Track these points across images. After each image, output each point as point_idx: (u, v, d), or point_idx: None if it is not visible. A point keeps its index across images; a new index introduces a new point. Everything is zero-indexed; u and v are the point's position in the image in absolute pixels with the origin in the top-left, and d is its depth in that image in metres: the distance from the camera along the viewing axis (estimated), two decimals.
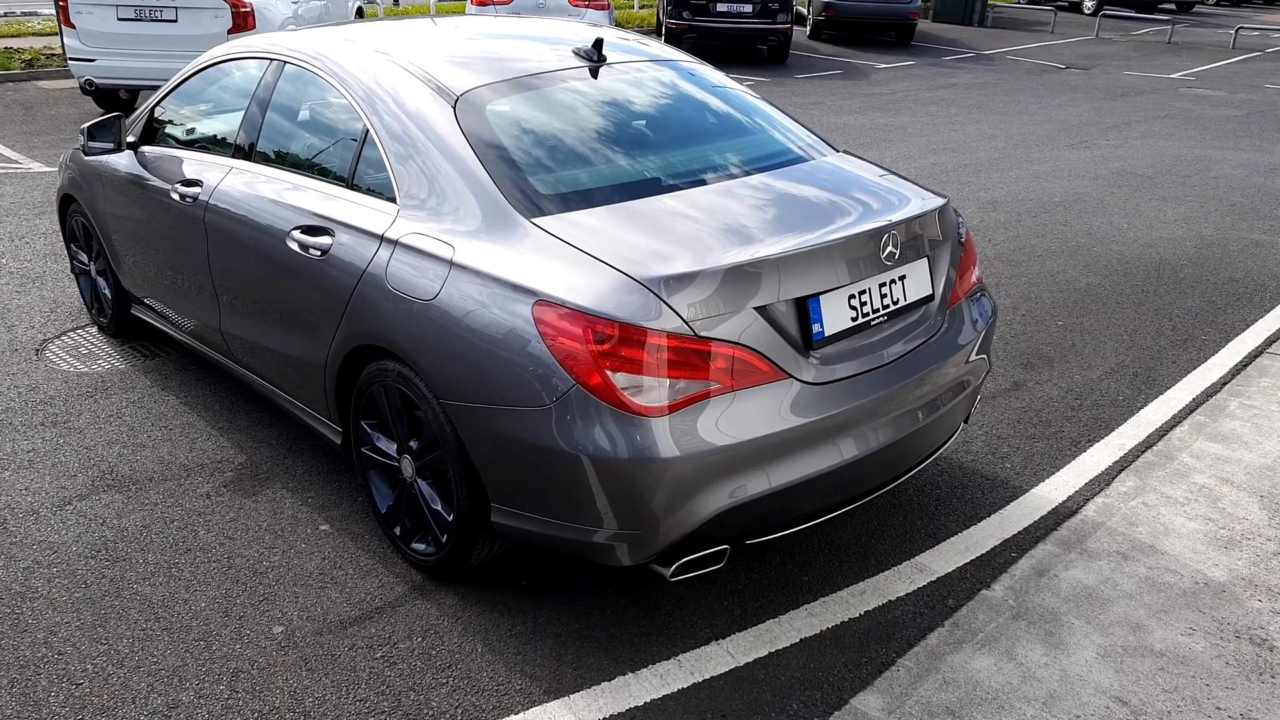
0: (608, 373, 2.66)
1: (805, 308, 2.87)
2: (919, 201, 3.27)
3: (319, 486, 3.86)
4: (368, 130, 3.39)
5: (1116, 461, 4.10)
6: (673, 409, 2.68)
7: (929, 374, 3.13)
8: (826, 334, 2.91)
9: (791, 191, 3.23)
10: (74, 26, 9.70)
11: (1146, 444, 4.24)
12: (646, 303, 2.67)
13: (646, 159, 3.28)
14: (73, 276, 5.84)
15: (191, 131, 4.33)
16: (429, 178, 3.16)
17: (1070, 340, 5.32)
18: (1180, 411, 4.54)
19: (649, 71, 3.73)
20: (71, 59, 9.87)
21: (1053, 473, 4.02)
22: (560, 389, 2.70)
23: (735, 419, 2.73)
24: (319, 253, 3.36)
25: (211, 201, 3.90)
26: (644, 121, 3.46)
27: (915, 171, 8.95)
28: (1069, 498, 3.84)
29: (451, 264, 2.97)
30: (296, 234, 3.46)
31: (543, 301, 2.75)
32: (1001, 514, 3.74)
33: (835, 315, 2.94)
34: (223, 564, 3.38)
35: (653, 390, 2.66)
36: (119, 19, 9.64)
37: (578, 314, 2.69)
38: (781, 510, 2.92)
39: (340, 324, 3.32)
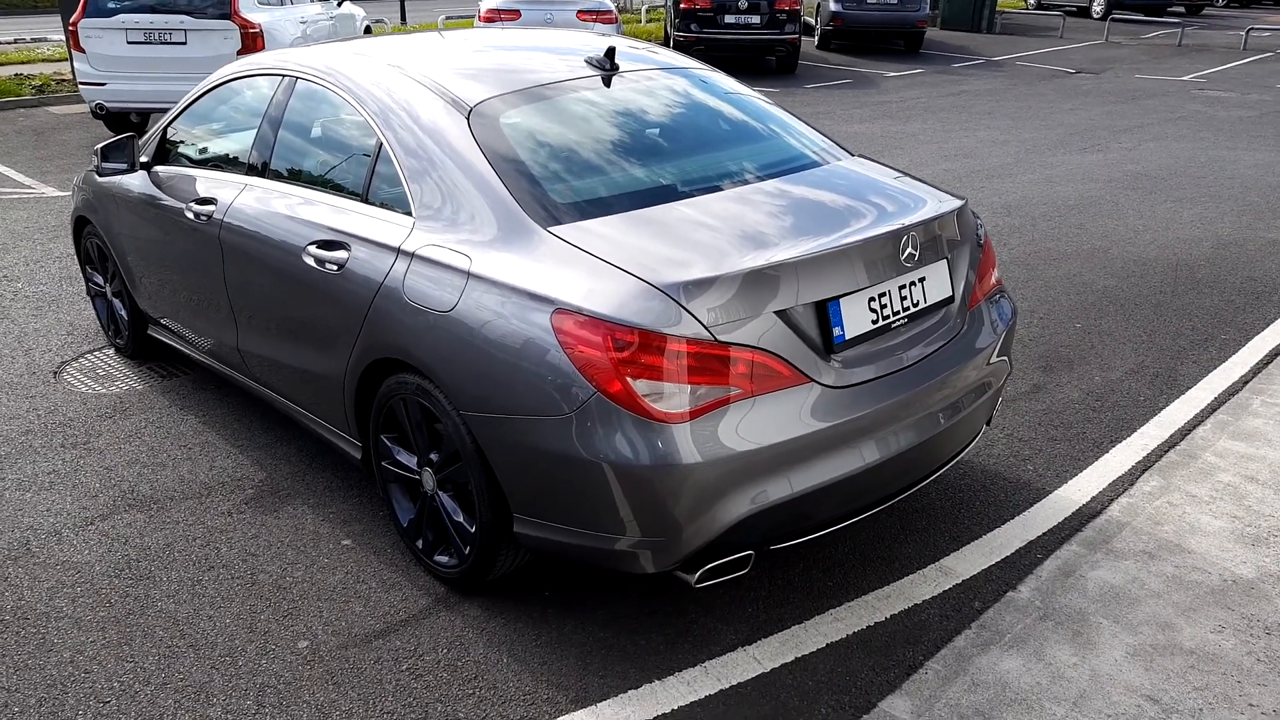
0: (628, 380, 2.65)
1: (825, 311, 2.86)
2: (936, 203, 3.26)
3: (339, 502, 3.86)
4: (381, 144, 3.40)
5: (1140, 462, 4.07)
6: (694, 415, 2.67)
7: (950, 377, 3.11)
8: (847, 337, 2.90)
9: (808, 195, 3.23)
10: (84, 51, 9.78)
11: (1169, 444, 4.21)
12: (666, 309, 2.66)
13: (661, 166, 3.29)
14: (89, 299, 5.87)
15: (204, 150, 4.35)
16: (444, 189, 3.17)
17: (1089, 342, 5.30)
18: (1202, 411, 4.50)
19: (661, 79, 3.74)
20: (82, 83, 9.96)
21: (1076, 474, 3.99)
22: (580, 397, 2.70)
23: (757, 424, 2.72)
24: (336, 267, 3.37)
25: (226, 219, 3.92)
26: (658, 129, 3.47)
27: (928, 178, 8.94)
28: (1093, 498, 3.81)
29: (469, 275, 2.98)
30: (312, 249, 3.47)
31: (561, 310, 2.75)
32: (1025, 516, 3.71)
33: (856, 318, 2.93)
34: (246, 580, 3.38)
35: (674, 396, 2.66)
36: (128, 42, 9.72)
37: (597, 321, 2.68)
38: (805, 515, 2.90)
39: (358, 338, 3.32)
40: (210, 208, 4.02)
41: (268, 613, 3.22)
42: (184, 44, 9.75)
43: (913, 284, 3.09)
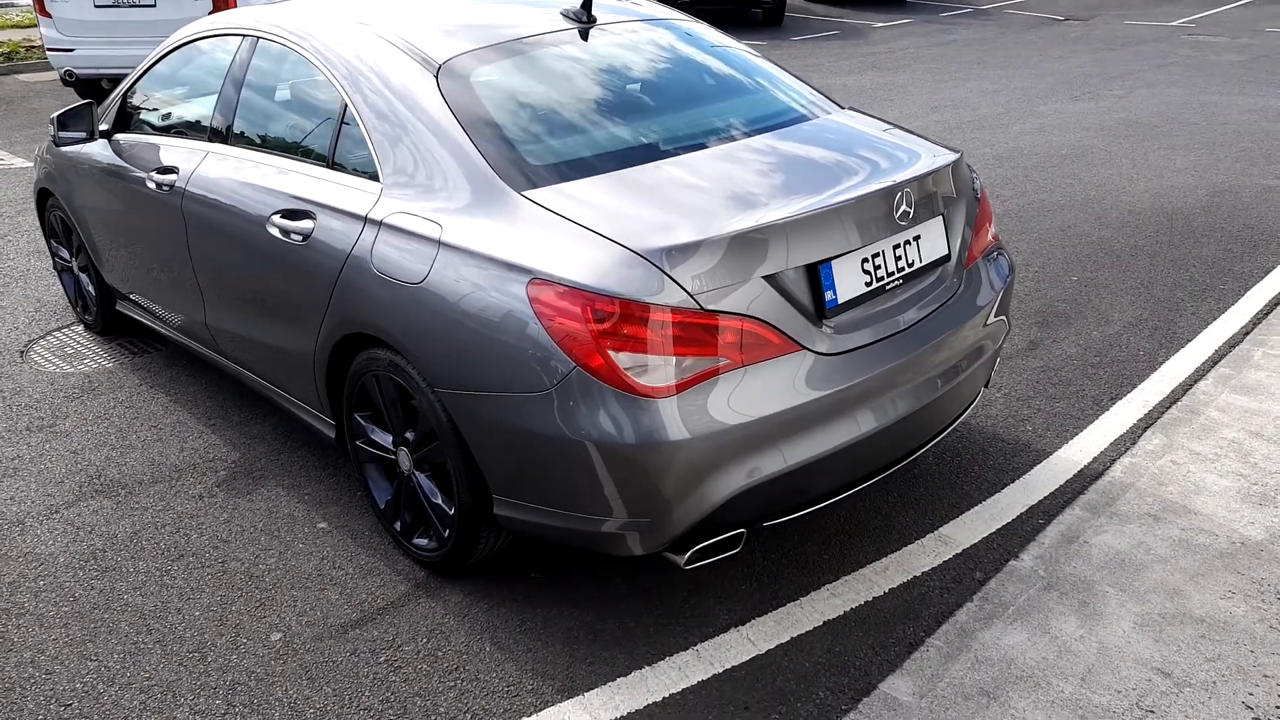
0: (609, 353, 2.50)
1: (816, 274, 2.71)
2: (931, 157, 3.10)
3: (316, 482, 3.72)
4: (346, 105, 3.22)
5: (1141, 419, 3.95)
6: (680, 388, 2.52)
7: (947, 339, 2.97)
8: (840, 301, 2.75)
9: (797, 152, 3.07)
10: (50, 16, 9.50)
11: (1171, 399, 4.08)
12: (648, 276, 2.51)
13: (642, 123, 3.12)
14: (56, 274, 5.68)
15: (166, 116, 4.16)
16: (412, 153, 3.00)
17: (1086, 295, 5.16)
18: (1203, 364, 4.38)
19: (642, 32, 3.55)
20: (50, 50, 9.68)
21: (1076, 433, 3.87)
22: (560, 372, 2.55)
23: (747, 395, 2.58)
24: (301, 238, 3.21)
25: (188, 188, 3.74)
26: (639, 84, 3.29)
27: (919, 129, 8.71)
28: (1094, 459, 3.69)
29: (440, 244, 2.81)
30: (277, 219, 3.30)
31: (538, 279, 2.59)
32: (1025, 479, 3.59)
33: (848, 281, 2.78)
34: (216, 569, 3.25)
35: (658, 369, 2.51)
36: (96, 6, 9.43)
37: (575, 291, 2.53)
38: (800, 489, 2.77)
39: (327, 312, 3.16)
40: (172, 177, 3.84)
41: (239, 603, 3.08)
42: (153, 6, 9.46)
43: (907, 243, 2.94)
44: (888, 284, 2.88)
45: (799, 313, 2.67)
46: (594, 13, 3.49)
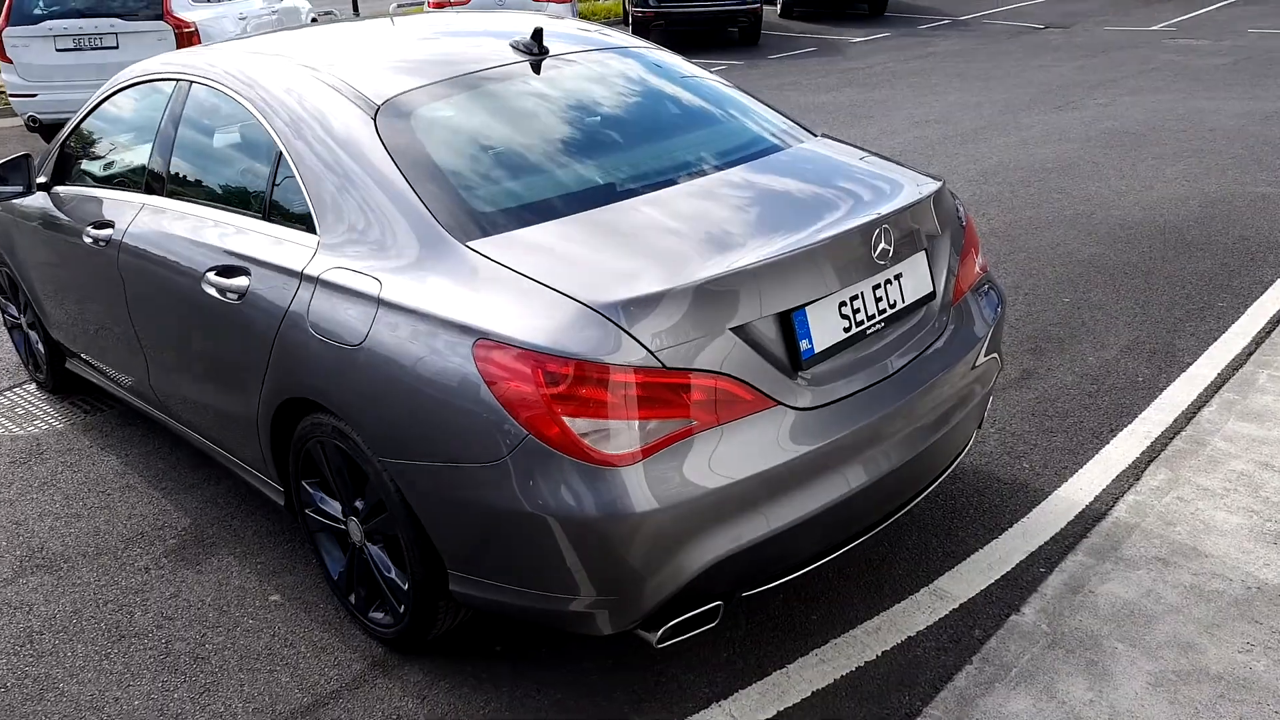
0: (564, 419, 2.29)
1: (790, 323, 2.50)
2: (912, 187, 2.90)
3: (269, 549, 3.50)
4: (280, 152, 3.01)
5: (1144, 452, 3.74)
6: (645, 454, 2.31)
7: (936, 383, 2.76)
8: (817, 350, 2.55)
9: (767, 187, 2.87)
10: (11, 62, 9.31)
11: (1174, 429, 3.87)
12: (605, 334, 2.30)
13: (599, 161, 2.91)
14: (7, 330, 5.46)
15: (104, 166, 3.95)
16: (350, 202, 2.79)
17: (1079, 318, 4.96)
18: (1206, 389, 4.17)
19: (599, 62, 3.35)
20: (12, 96, 9.49)
21: (1076, 470, 3.66)
22: (512, 440, 2.34)
23: (719, 458, 2.37)
24: (236, 296, 3.00)
25: (124, 243, 3.53)
26: (595, 118, 3.09)
27: (899, 146, 8.57)
28: (1096, 498, 3.48)
29: (379, 301, 2.60)
30: (211, 276, 3.09)
31: (484, 340, 2.38)
32: (1024, 523, 3.37)
33: (825, 328, 2.57)
34: (160, 650, 3.02)
35: (619, 435, 2.29)
36: (57, 50, 9.25)
37: (525, 352, 2.32)
38: (782, 555, 2.56)
39: (266, 375, 2.95)
40: (109, 231, 3.63)
41: (182, 689, 2.86)
42: (116, 48, 9.29)
43: (888, 282, 2.73)
44: (868, 328, 2.68)
45: (772, 365, 2.46)
46: (546, 43, 3.28)
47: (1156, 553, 3.16)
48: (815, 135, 3.39)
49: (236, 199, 3.18)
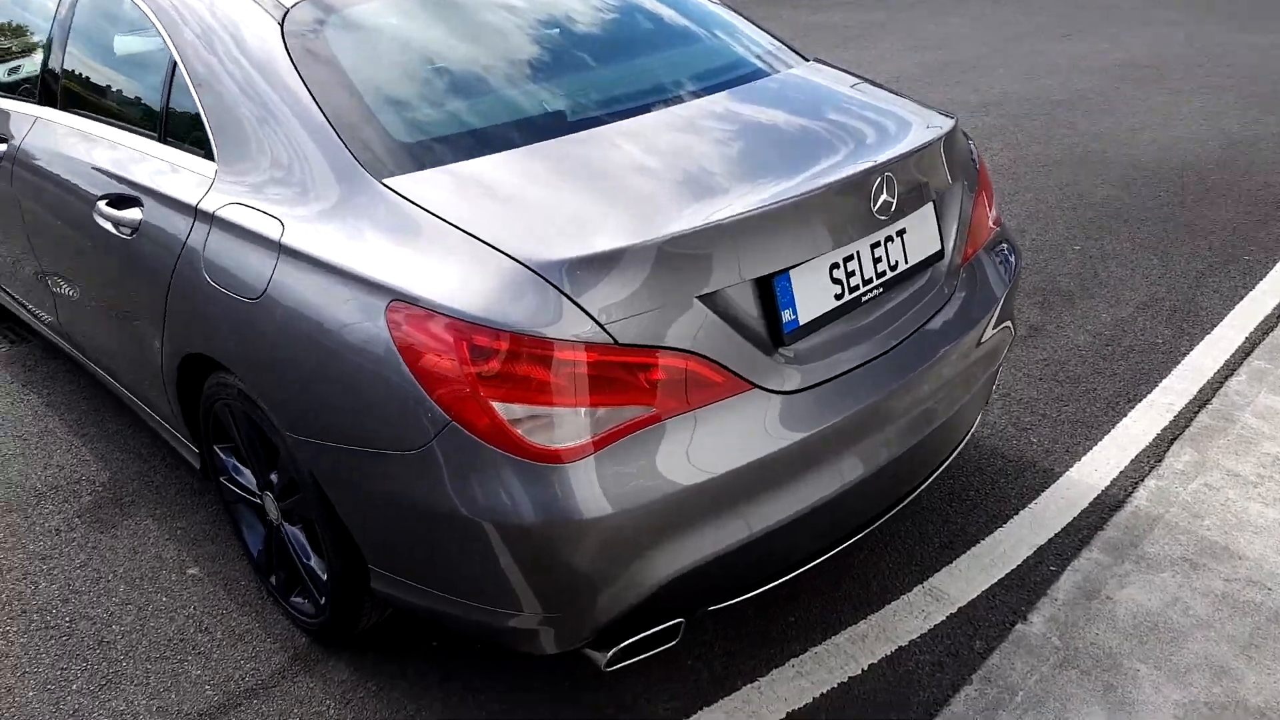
0: (494, 405, 1.86)
1: (771, 290, 2.07)
2: (920, 127, 2.44)
3: (192, 511, 3.10)
4: (175, 63, 2.54)
5: (1166, 428, 3.34)
6: (597, 446, 1.89)
7: (943, 358, 2.34)
8: (802, 322, 2.12)
9: (749, 121, 2.41)
10: None
11: (1200, 401, 3.47)
12: (545, 300, 1.87)
13: (554, 83, 2.45)
14: None
15: (7, 71, 3.46)
16: (251, 125, 2.33)
17: (1092, 269, 4.53)
18: (1234, 355, 3.76)
19: None
20: None
21: (1090, 447, 3.26)
22: (434, 427, 1.92)
23: (685, 453, 1.95)
24: (129, 230, 2.55)
25: (18, 162, 3.07)
26: (555, 30, 2.61)
27: (896, 74, 8.04)
28: (1113, 481, 3.09)
29: (280, 248, 2.16)
30: (103, 205, 2.63)
31: (399, 301, 1.95)
32: (1031, 510, 2.98)
33: (813, 295, 2.14)
34: (62, 631, 2.64)
35: (564, 424, 1.87)
36: None
37: (448, 319, 1.88)
38: (760, 563, 2.16)
39: (164, 325, 2.53)
40: (3, 146, 3.17)
41: (81, 680, 2.49)
42: None
43: (889, 240, 2.30)
44: (864, 294, 2.25)
45: (748, 341, 2.03)
46: None
47: (1183, 551, 2.77)
48: (807, 60, 2.92)
49: (132, 115, 2.72)
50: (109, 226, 2.63)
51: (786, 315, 2.08)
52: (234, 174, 2.34)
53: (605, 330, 1.88)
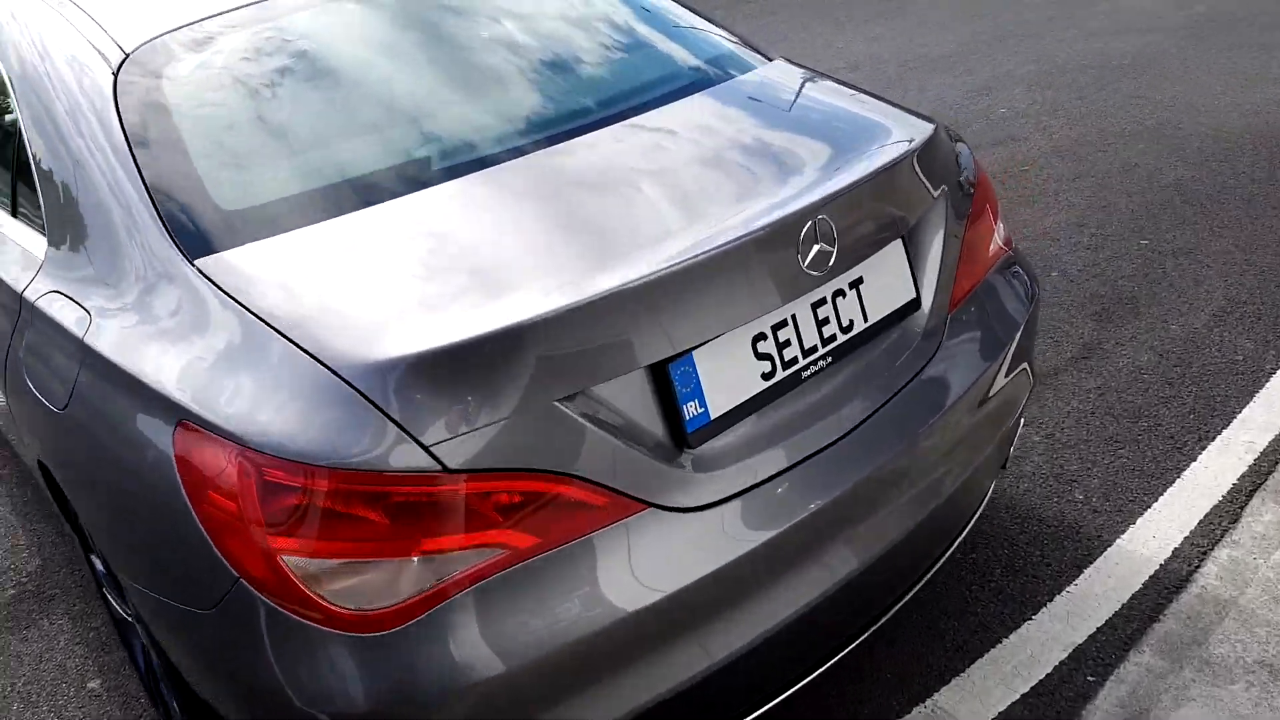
0: (285, 559, 1.42)
1: (667, 379, 1.58)
2: (882, 145, 1.91)
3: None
4: (15, 118, 2.18)
5: (1245, 475, 2.74)
6: (426, 607, 1.44)
7: (933, 428, 1.83)
8: (714, 415, 1.63)
9: (654, 159, 1.91)
10: None
11: None
12: (357, 419, 1.42)
13: (422, 128, 1.99)
14: None
15: None
16: (71, 195, 1.94)
17: (1159, 267, 3.90)
18: None
19: None
20: None
21: (1149, 503, 2.69)
22: (221, 583, 1.49)
23: (557, 602, 1.49)
24: None
25: None
26: (419, 58, 2.15)
27: (940, 46, 7.37)
28: (1175, 551, 2.52)
29: (83, 348, 1.76)
30: None
31: (186, 422, 1.52)
32: (1069, 594, 2.43)
33: (728, 379, 1.65)
34: None
35: (383, 581, 1.43)
36: None
37: (237, 448, 1.45)
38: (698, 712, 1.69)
39: (16, 424, 2.20)
40: None
41: None
42: None
43: (839, 294, 1.79)
44: (806, 368, 1.74)
45: (639, 448, 1.55)
46: None
47: (1261, 653, 2.20)
48: (770, 60, 2.40)
49: None
50: None
51: (691, 409, 1.60)
52: (58, 254, 1.98)
53: (432, 455, 1.42)
